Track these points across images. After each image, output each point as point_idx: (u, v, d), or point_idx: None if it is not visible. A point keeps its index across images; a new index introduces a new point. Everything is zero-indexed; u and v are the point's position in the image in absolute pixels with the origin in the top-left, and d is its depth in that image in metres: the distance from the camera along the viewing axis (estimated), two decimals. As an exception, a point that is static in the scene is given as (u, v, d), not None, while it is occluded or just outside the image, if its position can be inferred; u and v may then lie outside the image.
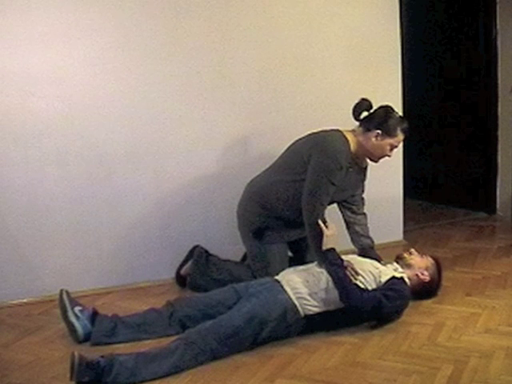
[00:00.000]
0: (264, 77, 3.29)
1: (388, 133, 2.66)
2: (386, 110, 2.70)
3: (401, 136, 2.70)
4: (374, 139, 2.67)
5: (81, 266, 3.05)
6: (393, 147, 2.72)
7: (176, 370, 2.15)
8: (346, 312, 2.44)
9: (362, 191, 2.95)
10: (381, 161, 2.79)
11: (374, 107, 2.72)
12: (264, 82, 3.29)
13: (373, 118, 2.69)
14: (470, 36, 4.25)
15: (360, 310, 2.43)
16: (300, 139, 2.83)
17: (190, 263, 3.03)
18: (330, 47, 3.42)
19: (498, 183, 4.27)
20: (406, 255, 2.77)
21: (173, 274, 3.09)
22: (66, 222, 3.00)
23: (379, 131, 2.66)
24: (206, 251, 3.05)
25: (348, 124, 2.75)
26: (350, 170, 2.72)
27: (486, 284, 2.99)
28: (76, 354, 2.05)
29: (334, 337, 2.43)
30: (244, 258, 3.08)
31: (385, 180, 3.62)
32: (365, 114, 2.72)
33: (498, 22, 4.02)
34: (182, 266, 3.08)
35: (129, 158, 3.07)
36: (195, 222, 3.25)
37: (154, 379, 2.12)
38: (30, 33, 2.79)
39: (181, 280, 3.06)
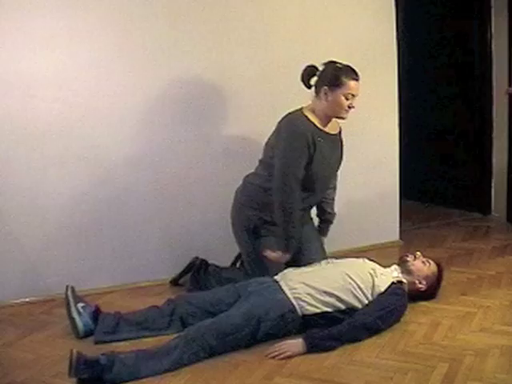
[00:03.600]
0: (264, 77, 3.30)
1: (334, 84, 2.57)
2: (325, 65, 2.63)
3: (350, 83, 2.56)
4: (324, 97, 2.61)
5: (82, 265, 3.08)
6: (348, 97, 2.59)
7: (176, 368, 2.18)
8: (343, 312, 2.46)
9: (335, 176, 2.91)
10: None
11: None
12: (264, 83, 3.30)
13: (318, 78, 2.65)
14: (465, 41, 4.28)
15: (359, 339, 2.40)
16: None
17: (189, 276, 3.03)
18: (329, 49, 3.43)
19: (493, 184, 4.28)
20: (409, 259, 2.72)
21: (173, 274, 3.11)
22: (68, 223, 3.03)
23: (325, 87, 2.60)
24: (206, 262, 3.04)
25: (348, 124, 2.77)
26: (320, 140, 2.65)
27: (481, 283, 3.01)
28: (74, 351, 2.08)
29: (331, 335, 2.45)
30: (235, 261, 3.08)
31: (381, 181, 3.63)
32: (315, 79, 2.68)
33: (492, 26, 4.04)
34: (180, 276, 3.09)
35: (129, 159, 3.09)
36: (195, 222, 3.27)
37: (154, 376, 2.14)
38: (32, 36, 2.82)
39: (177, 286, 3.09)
